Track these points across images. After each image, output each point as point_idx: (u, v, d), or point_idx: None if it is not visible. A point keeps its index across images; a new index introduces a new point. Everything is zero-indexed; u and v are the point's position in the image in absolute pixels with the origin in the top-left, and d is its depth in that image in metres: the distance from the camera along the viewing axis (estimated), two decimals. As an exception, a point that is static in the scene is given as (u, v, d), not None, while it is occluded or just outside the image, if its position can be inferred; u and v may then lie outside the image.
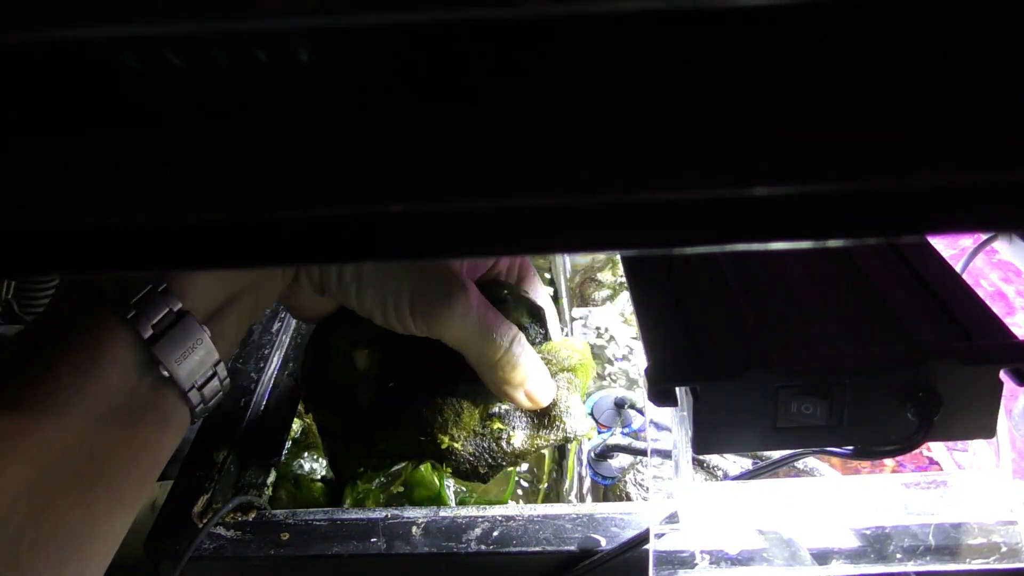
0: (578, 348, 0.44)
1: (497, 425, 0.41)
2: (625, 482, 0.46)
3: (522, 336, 0.39)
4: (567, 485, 0.48)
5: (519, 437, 0.41)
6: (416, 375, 0.42)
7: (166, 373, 0.32)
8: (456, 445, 0.40)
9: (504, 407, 0.41)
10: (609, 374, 0.56)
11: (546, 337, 0.44)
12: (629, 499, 0.45)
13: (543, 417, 0.41)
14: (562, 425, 0.41)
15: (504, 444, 0.41)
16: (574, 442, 0.45)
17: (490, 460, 0.40)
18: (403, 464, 0.45)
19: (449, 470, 0.41)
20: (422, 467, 0.46)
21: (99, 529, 0.31)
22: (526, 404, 0.40)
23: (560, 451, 0.51)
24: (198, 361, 0.33)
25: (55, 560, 0.29)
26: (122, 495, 0.31)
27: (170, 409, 0.33)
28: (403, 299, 0.37)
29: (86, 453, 0.30)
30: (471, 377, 0.40)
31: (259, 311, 0.37)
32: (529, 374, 0.39)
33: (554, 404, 0.41)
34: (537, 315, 0.44)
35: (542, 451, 0.43)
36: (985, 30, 0.13)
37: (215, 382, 0.34)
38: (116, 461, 0.31)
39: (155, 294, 0.31)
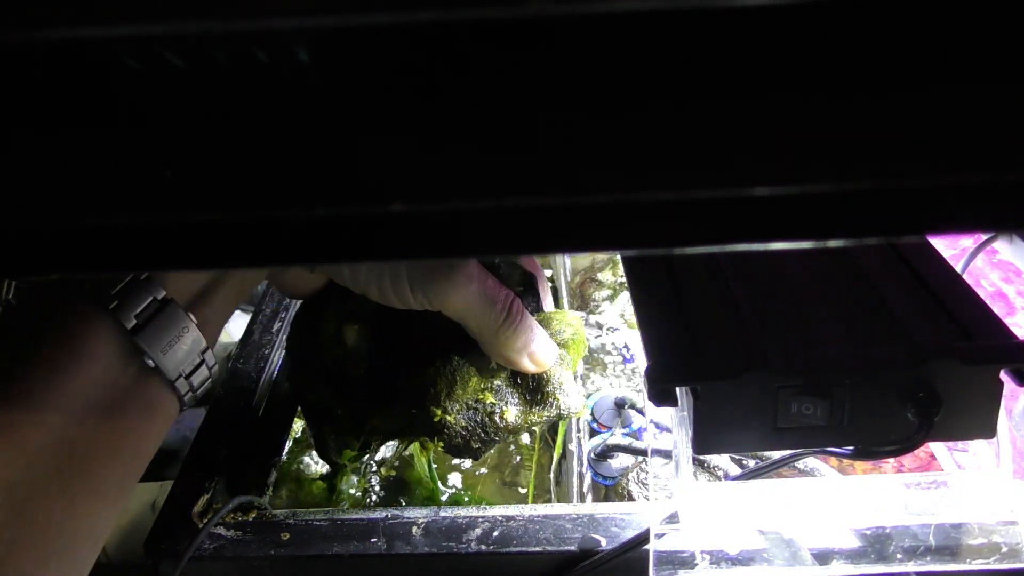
0: (570, 322, 0.43)
1: (490, 399, 0.40)
2: (628, 480, 0.46)
3: (519, 301, 0.38)
4: (554, 462, 0.48)
5: (512, 412, 0.40)
6: (408, 349, 0.41)
7: (151, 363, 0.31)
8: (449, 418, 0.39)
9: (497, 382, 0.40)
10: (609, 372, 0.56)
11: (538, 307, 0.43)
12: (631, 498, 0.45)
13: (536, 393, 0.41)
14: (555, 402, 0.40)
15: (497, 419, 0.40)
16: (565, 419, 0.45)
17: (483, 435, 0.40)
18: (394, 444, 0.43)
19: (441, 445, 0.40)
20: (416, 467, 0.45)
21: (81, 526, 0.30)
22: (531, 368, 0.39)
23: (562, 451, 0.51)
24: (185, 350, 0.32)
25: (36, 559, 0.28)
26: (104, 491, 0.31)
27: (155, 400, 0.32)
28: (401, 272, 0.36)
29: (65, 450, 0.29)
30: (465, 349, 0.39)
31: (246, 291, 0.37)
32: (531, 337, 0.38)
33: (547, 380, 0.40)
34: (530, 283, 0.43)
35: (534, 427, 0.42)
36: (985, 30, 0.13)
37: (203, 370, 0.33)
38: (97, 456, 0.30)
39: (137, 282, 0.31)
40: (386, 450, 0.51)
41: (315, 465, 0.52)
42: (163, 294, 0.31)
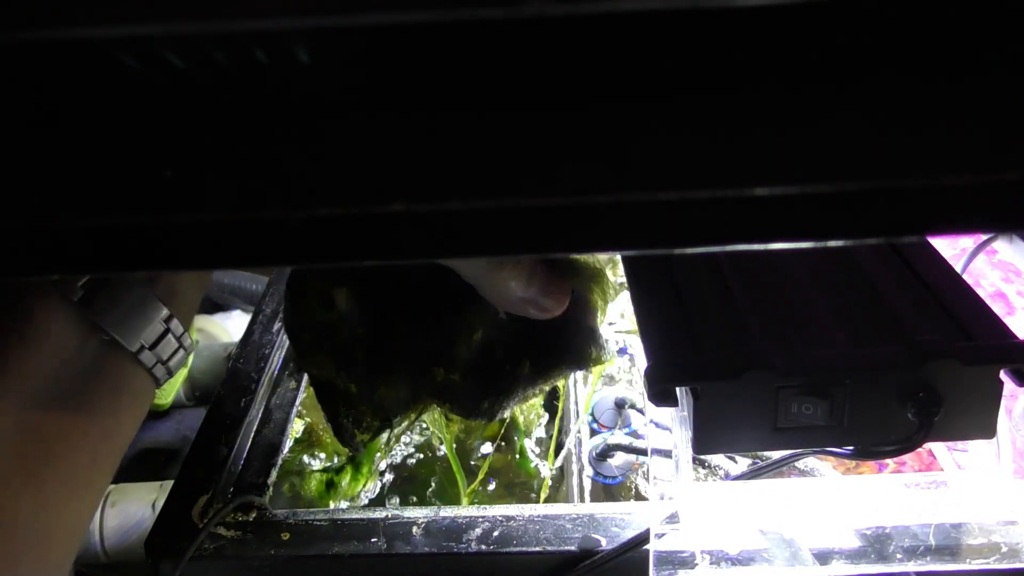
0: (589, 261, 0.37)
1: (501, 354, 0.35)
2: (636, 475, 0.46)
3: None
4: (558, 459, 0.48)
5: (528, 366, 0.35)
6: (403, 305, 0.36)
7: (108, 337, 0.29)
8: (454, 377, 0.35)
9: (508, 333, 0.36)
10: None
11: None
12: (639, 494, 0.45)
13: (555, 343, 0.35)
14: (579, 351, 0.35)
15: (510, 375, 0.35)
16: (593, 370, 0.40)
17: (495, 394, 0.35)
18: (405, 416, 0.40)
19: (448, 407, 0.36)
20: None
21: (52, 519, 0.28)
22: (536, 314, 0.33)
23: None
24: (144, 319, 0.30)
25: (6, 555, 0.27)
26: (75, 479, 0.29)
27: (123, 376, 0.30)
28: None
29: (27, 435, 0.28)
30: (466, 300, 0.34)
31: None
32: (534, 277, 0.32)
33: (565, 327, 0.35)
34: None
35: (555, 382, 0.37)
36: (987, 30, 0.13)
37: (170, 340, 0.31)
38: (63, 440, 0.28)
39: None
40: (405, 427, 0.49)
41: (317, 462, 0.52)
42: None
